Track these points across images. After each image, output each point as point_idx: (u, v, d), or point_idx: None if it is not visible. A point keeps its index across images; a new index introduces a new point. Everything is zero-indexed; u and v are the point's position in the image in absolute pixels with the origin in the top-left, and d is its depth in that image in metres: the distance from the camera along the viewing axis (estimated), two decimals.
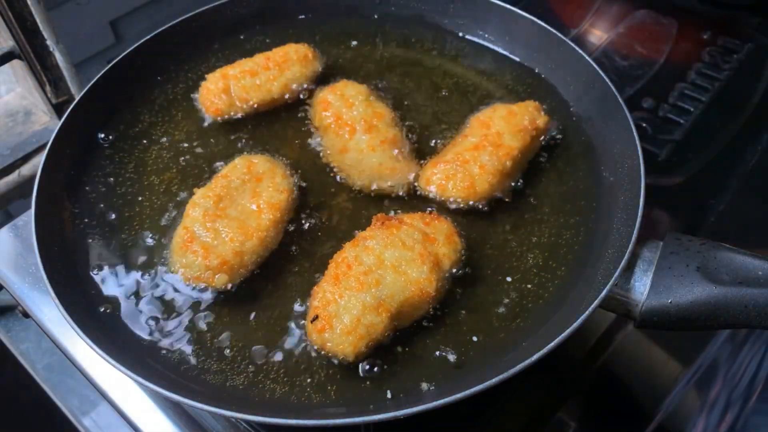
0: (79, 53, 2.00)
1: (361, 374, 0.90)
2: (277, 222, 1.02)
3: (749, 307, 0.87)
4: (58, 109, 1.62)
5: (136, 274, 1.00)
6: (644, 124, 1.44)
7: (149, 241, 1.04)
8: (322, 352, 0.91)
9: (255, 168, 1.07)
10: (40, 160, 1.07)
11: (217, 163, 1.14)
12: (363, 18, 1.43)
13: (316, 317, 0.89)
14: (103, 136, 1.18)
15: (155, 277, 1.00)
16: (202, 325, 0.95)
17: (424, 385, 0.89)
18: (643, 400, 1.10)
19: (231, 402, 0.87)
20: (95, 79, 1.18)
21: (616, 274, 0.90)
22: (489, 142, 1.10)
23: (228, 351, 0.92)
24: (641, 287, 0.93)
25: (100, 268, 1.01)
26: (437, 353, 0.92)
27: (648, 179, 1.01)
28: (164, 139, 1.19)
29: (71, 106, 1.13)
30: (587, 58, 1.22)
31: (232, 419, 1.03)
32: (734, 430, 1.10)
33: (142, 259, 1.02)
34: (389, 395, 0.88)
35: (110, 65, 1.21)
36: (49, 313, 1.11)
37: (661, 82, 1.53)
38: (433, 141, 1.19)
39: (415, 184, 1.11)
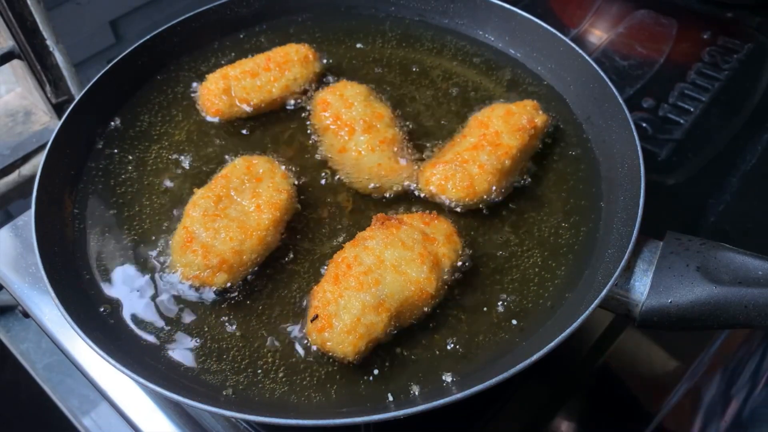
0: (79, 53, 2.00)
1: (360, 374, 0.90)
2: (277, 222, 1.02)
3: (749, 307, 0.87)
4: (58, 109, 1.63)
5: (135, 274, 1.00)
6: (644, 124, 1.44)
7: (149, 241, 1.04)
8: (322, 352, 0.91)
9: (255, 168, 1.07)
10: (40, 160, 1.08)
11: (217, 164, 1.15)
12: (363, 18, 1.43)
13: (315, 317, 0.89)
14: (103, 135, 1.18)
15: (155, 277, 1.00)
16: (202, 325, 0.95)
17: (424, 385, 0.89)
18: (643, 400, 1.10)
19: (231, 402, 0.87)
20: (95, 79, 1.18)
21: (616, 274, 0.90)
22: (488, 142, 1.10)
23: (228, 351, 0.92)
24: (641, 287, 0.93)
25: (100, 268, 1.01)
26: (437, 353, 0.92)
27: (648, 179, 1.01)
28: (164, 139, 1.19)
29: (71, 106, 1.13)
30: (587, 58, 1.22)
31: (232, 419, 1.03)
32: (734, 427, 1.10)
33: (141, 258, 1.02)
34: (389, 395, 0.88)
35: (110, 65, 1.21)
36: (49, 313, 1.11)
37: (661, 82, 1.53)
38: (433, 141, 1.19)
39: (415, 184, 1.11)
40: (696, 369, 1.11)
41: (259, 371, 0.90)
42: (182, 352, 0.92)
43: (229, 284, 0.97)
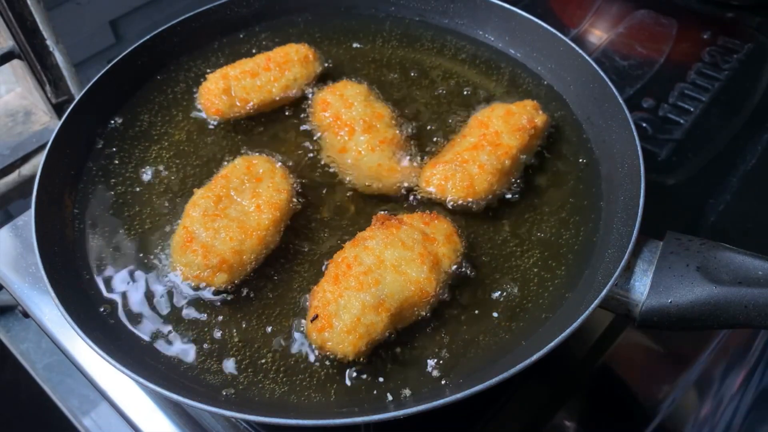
0: (79, 53, 2.00)
1: (360, 374, 0.90)
2: (277, 221, 1.02)
3: (749, 307, 0.87)
4: (58, 109, 1.63)
5: (136, 274, 1.00)
6: (644, 124, 1.44)
7: (149, 241, 1.04)
8: (322, 352, 0.91)
9: (255, 168, 1.07)
10: (40, 160, 1.08)
11: (217, 164, 1.15)
12: (363, 18, 1.43)
13: (315, 317, 0.89)
14: (103, 135, 1.18)
15: (155, 277, 1.00)
16: (202, 325, 0.95)
17: (424, 386, 0.89)
18: (643, 400, 1.10)
19: (231, 402, 0.87)
20: (95, 79, 1.18)
21: (616, 274, 0.90)
22: (488, 142, 1.10)
23: (228, 351, 0.92)
24: (641, 287, 0.93)
25: (100, 268, 1.01)
26: (437, 353, 0.92)
27: (648, 179, 1.01)
28: (164, 139, 1.19)
29: (71, 106, 1.13)
30: (587, 58, 1.22)
31: (232, 419, 1.03)
32: (735, 428, 1.10)
33: (142, 258, 1.02)
34: (389, 395, 0.88)
35: (110, 65, 1.21)
36: (49, 313, 1.11)
37: (661, 82, 1.53)
38: (433, 141, 1.19)
39: (415, 184, 1.10)
40: (695, 369, 1.11)
41: (259, 371, 0.90)
42: (182, 352, 0.92)
43: (229, 284, 0.97)
